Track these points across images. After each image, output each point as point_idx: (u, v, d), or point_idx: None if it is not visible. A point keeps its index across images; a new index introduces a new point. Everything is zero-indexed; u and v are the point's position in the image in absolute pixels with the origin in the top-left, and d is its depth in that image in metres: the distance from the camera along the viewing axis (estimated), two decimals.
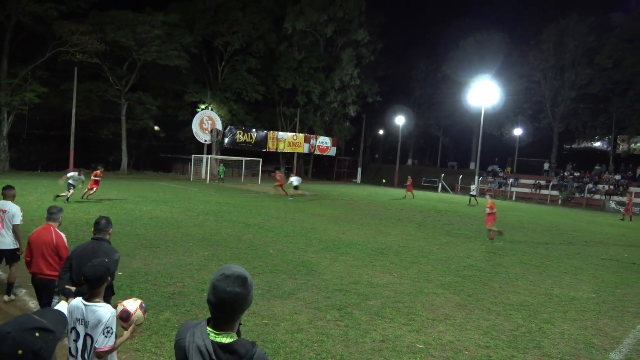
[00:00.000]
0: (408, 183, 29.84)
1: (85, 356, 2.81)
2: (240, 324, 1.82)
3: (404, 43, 58.71)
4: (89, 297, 2.89)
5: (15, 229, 6.00)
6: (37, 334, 1.36)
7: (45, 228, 4.64)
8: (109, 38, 30.98)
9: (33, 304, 5.77)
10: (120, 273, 7.00)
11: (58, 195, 15.96)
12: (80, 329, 2.81)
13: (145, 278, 7.05)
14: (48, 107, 32.98)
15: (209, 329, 1.72)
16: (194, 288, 6.76)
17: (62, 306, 2.95)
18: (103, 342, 2.76)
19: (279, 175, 25.90)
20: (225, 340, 1.68)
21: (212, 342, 1.67)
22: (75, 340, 2.83)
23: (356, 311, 6.20)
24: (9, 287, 5.97)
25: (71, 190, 15.56)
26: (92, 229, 4.14)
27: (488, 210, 13.88)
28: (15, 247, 6.06)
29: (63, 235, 4.71)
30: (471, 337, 5.58)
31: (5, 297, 5.91)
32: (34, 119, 34.31)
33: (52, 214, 4.71)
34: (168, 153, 44.10)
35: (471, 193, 28.98)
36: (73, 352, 2.85)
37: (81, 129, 33.91)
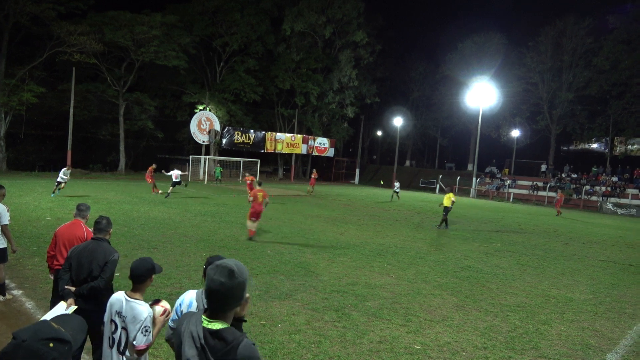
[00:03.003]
0: (313, 176, 29.61)
1: (120, 349, 2.87)
2: (244, 320, 1.86)
3: (402, 44, 58.99)
4: (131, 292, 2.99)
5: (4, 229, 5.96)
6: (51, 345, 1.35)
7: (75, 223, 4.64)
8: (107, 38, 30.92)
9: (30, 305, 5.77)
10: (118, 274, 6.96)
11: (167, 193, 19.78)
12: (118, 321, 2.90)
13: None
14: (46, 107, 32.86)
15: (203, 317, 1.80)
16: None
17: (61, 307, 2.96)
18: (142, 341, 2.84)
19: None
20: (216, 327, 1.75)
21: (204, 328, 1.76)
22: (113, 333, 2.91)
23: (354, 312, 6.21)
24: (0, 288, 5.96)
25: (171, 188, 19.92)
26: (92, 229, 4.14)
27: (251, 199, 11.29)
28: (4, 246, 6.04)
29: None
30: (468, 338, 5.59)
31: (1, 298, 5.91)
32: (32, 119, 34.14)
33: (81, 210, 4.74)
34: (166, 154, 44.04)
35: (395, 190, 29.56)
36: (110, 344, 2.91)
37: (79, 129, 33.85)
